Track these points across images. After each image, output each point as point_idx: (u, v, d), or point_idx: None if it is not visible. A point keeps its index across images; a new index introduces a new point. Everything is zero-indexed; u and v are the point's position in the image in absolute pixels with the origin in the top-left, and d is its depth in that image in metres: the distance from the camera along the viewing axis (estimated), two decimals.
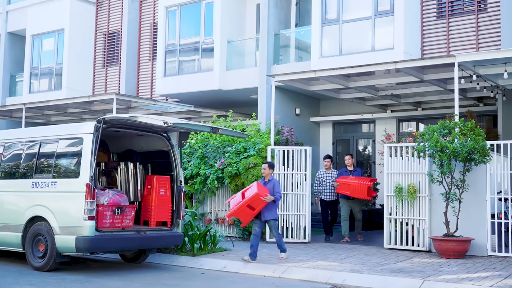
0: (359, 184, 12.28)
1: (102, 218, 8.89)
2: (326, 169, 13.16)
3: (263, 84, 15.82)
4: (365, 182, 12.36)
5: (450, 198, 10.04)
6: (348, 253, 10.65)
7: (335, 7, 15.05)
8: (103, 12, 21.63)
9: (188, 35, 17.70)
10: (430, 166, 10.71)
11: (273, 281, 8.65)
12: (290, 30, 17.08)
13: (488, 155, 9.91)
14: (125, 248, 9.45)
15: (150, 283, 8.29)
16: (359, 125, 18.07)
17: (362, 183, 12.31)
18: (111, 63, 21.28)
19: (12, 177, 10.10)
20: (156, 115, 15.82)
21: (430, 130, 10.26)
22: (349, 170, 12.89)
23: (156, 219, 9.84)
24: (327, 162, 13.18)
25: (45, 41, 21.62)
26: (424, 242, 10.78)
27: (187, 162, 13.73)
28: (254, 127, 14.45)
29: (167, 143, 10.17)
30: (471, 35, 14.24)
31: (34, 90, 21.72)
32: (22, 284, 8.01)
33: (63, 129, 10.13)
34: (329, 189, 12.93)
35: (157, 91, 18.03)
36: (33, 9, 22.07)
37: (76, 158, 9.05)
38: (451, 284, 7.76)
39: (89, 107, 18.19)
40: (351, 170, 12.90)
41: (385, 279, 8.27)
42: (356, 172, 12.88)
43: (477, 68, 11.78)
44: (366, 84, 14.06)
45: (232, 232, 13.17)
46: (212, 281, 8.62)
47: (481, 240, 10.16)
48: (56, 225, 8.87)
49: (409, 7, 14.32)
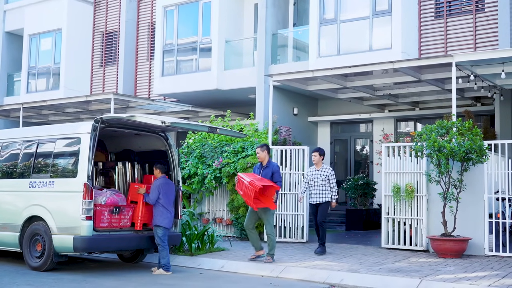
0: (248, 187, 9.35)
1: (100, 218, 8.88)
2: (316, 165, 10.92)
3: (261, 83, 15.82)
4: (260, 184, 9.31)
5: (448, 197, 10.05)
6: (346, 253, 10.66)
7: (333, 7, 15.05)
8: (101, 12, 21.60)
9: (186, 35, 17.70)
10: (427, 166, 10.72)
11: (270, 281, 8.65)
12: (288, 30, 17.08)
13: (485, 155, 9.92)
14: (122, 248, 9.44)
15: (147, 283, 8.28)
16: (357, 125, 18.08)
17: (255, 185, 9.28)
18: (109, 62, 21.26)
19: (9, 177, 10.08)
20: (154, 115, 15.79)
21: (428, 129, 10.27)
22: (263, 166, 9.96)
23: None
24: (314, 157, 10.84)
25: (42, 40, 21.58)
26: (421, 241, 10.79)
27: (185, 161, 13.72)
28: (252, 127, 14.44)
29: (165, 143, 10.16)
30: (468, 35, 14.25)
31: (31, 89, 21.68)
32: (20, 284, 8.00)
33: (61, 128, 10.11)
34: (317, 190, 10.73)
35: (155, 90, 18.02)
36: (30, 9, 22.03)
37: (74, 158, 9.05)
38: (448, 284, 7.77)
39: (86, 107, 18.17)
40: (265, 166, 9.93)
41: (382, 278, 8.27)
42: (266, 170, 9.87)
43: (474, 68, 11.80)
44: (364, 84, 14.07)
45: (230, 232, 13.17)
46: (210, 281, 8.62)
47: (479, 240, 10.18)
48: (53, 224, 8.86)
49: (407, 7, 14.32)
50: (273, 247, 9.71)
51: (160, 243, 9.10)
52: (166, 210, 9.15)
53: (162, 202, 9.14)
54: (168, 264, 9.08)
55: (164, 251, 9.10)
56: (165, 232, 9.14)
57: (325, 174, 10.68)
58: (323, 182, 10.65)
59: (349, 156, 17.96)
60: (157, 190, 9.17)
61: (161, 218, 9.09)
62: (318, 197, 10.69)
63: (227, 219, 13.28)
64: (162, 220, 9.09)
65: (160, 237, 9.08)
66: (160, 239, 9.08)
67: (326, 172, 10.71)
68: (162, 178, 9.34)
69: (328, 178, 10.66)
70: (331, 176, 10.70)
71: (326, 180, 10.65)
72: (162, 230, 9.10)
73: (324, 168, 10.79)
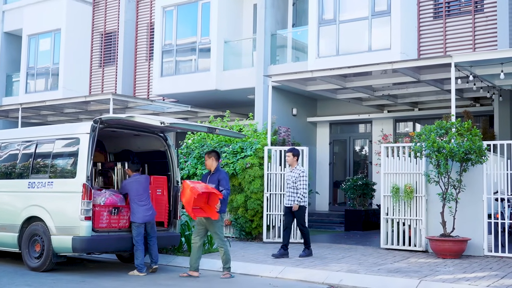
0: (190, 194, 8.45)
1: (99, 219, 8.86)
2: (290, 165, 10.48)
3: (260, 84, 15.82)
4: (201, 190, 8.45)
5: (447, 198, 10.05)
6: (345, 253, 10.65)
7: (332, 8, 15.06)
8: (99, 12, 21.59)
9: (185, 35, 17.70)
10: (427, 166, 10.72)
11: (270, 281, 8.64)
12: (287, 30, 17.09)
13: (484, 155, 9.92)
14: (121, 248, 9.41)
15: (146, 284, 8.27)
16: (356, 125, 18.09)
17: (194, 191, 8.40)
18: (107, 63, 21.26)
19: (8, 177, 10.06)
20: (153, 115, 15.79)
21: (427, 130, 10.27)
22: (211, 173, 9.02)
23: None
24: (288, 157, 10.39)
25: (41, 41, 21.58)
26: (421, 242, 10.79)
27: (184, 162, 13.71)
28: (251, 127, 14.44)
29: (164, 143, 10.15)
30: (467, 36, 14.26)
31: (30, 90, 21.68)
32: (18, 284, 7.99)
33: (60, 129, 10.09)
34: (289, 192, 10.27)
35: (154, 91, 18.02)
36: (29, 9, 22.03)
37: (73, 158, 9.03)
38: (447, 284, 7.76)
39: (85, 107, 18.17)
40: (213, 173, 8.99)
41: (382, 279, 8.27)
42: (213, 177, 8.93)
43: (473, 69, 11.81)
44: (363, 84, 14.08)
45: (229, 232, 13.16)
46: (209, 281, 8.61)
47: (478, 240, 10.18)
48: (52, 225, 8.85)
49: (406, 7, 14.33)
50: (227, 260, 8.82)
51: (134, 242, 9.05)
52: (137, 205, 9.10)
53: (132, 199, 9.12)
54: (141, 265, 8.96)
55: (137, 251, 9.02)
56: (139, 230, 9.05)
57: (295, 175, 10.22)
58: (294, 184, 10.21)
59: (348, 157, 17.96)
60: (124, 189, 9.27)
61: (132, 215, 9.07)
62: (290, 199, 10.26)
63: (226, 219, 13.26)
64: (133, 216, 9.05)
65: (134, 236, 9.04)
66: (134, 238, 9.03)
67: (296, 174, 10.23)
68: (132, 176, 9.37)
69: (297, 179, 10.20)
70: (300, 177, 10.17)
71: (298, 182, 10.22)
72: (135, 227, 9.02)
73: (296, 169, 10.31)
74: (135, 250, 9.05)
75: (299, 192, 10.20)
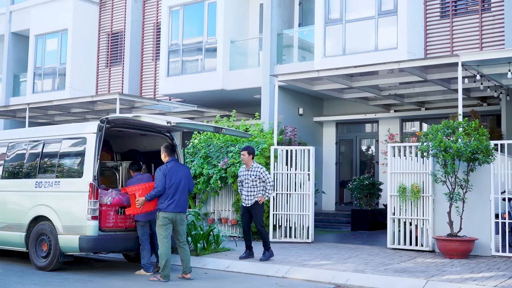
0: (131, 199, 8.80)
1: (106, 218, 8.88)
2: (245, 164, 10.00)
3: (266, 84, 15.82)
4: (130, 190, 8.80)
5: (454, 198, 10.01)
6: (352, 253, 10.64)
7: (338, 7, 15.03)
8: (106, 12, 21.65)
9: (191, 35, 17.72)
10: (433, 166, 10.68)
11: (276, 281, 8.64)
12: (293, 30, 17.08)
13: (492, 155, 9.88)
14: (128, 247, 9.43)
15: (153, 283, 8.29)
16: (362, 125, 18.06)
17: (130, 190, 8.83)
18: (114, 63, 21.31)
19: (15, 177, 10.11)
20: (159, 115, 15.79)
21: (434, 130, 10.24)
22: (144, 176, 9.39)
23: None
24: (243, 156, 9.93)
25: (48, 41, 21.66)
26: (427, 242, 10.76)
27: (190, 162, 13.73)
28: (257, 127, 14.44)
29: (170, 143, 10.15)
30: (474, 35, 14.21)
31: (37, 90, 21.77)
32: (26, 283, 8.02)
33: (67, 129, 10.13)
34: (248, 191, 9.89)
35: (160, 91, 18.05)
36: (36, 9, 22.11)
37: (80, 158, 9.07)
38: (454, 284, 7.74)
39: (92, 107, 18.22)
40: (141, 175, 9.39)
41: (388, 279, 8.25)
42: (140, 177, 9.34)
43: (480, 68, 11.76)
44: (369, 84, 14.05)
45: (235, 232, 13.16)
46: (215, 281, 8.62)
47: (485, 240, 10.14)
48: (59, 224, 8.88)
49: (413, 6, 14.29)
50: (165, 266, 8.37)
51: (140, 242, 9.04)
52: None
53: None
54: (148, 264, 8.96)
55: (143, 251, 9.01)
56: (144, 229, 9.02)
57: (254, 174, 9.84)
58: (253, 182, 9.83)
59: (354, 156, 17.93)
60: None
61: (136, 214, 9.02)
62: (249, 199, 9.87)
63: (233, 219, 13.28)
64: (137, 215, 8.95)
65: (140, 235, 9.03)
66: (140, 238, 9.03)
67: (255, 172, 9.85)
68: (134, 176, 9.39)
69: (259, 177, 9.82)
70: (263, 174, 9.83)
71: (257, 181, 9.82)
72: (140, 226, 9.00)
73: (254, 167, 9.89)
74: (141, 250, 9.07)
75: (268, 187, 9.89)
